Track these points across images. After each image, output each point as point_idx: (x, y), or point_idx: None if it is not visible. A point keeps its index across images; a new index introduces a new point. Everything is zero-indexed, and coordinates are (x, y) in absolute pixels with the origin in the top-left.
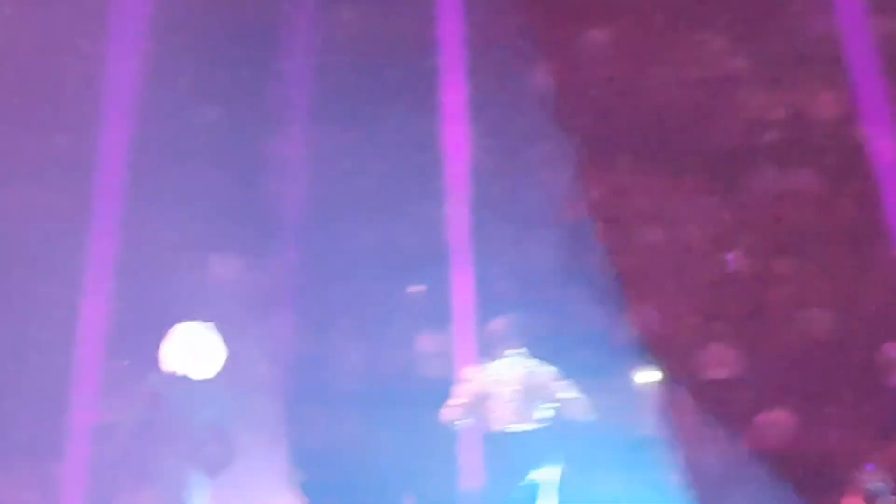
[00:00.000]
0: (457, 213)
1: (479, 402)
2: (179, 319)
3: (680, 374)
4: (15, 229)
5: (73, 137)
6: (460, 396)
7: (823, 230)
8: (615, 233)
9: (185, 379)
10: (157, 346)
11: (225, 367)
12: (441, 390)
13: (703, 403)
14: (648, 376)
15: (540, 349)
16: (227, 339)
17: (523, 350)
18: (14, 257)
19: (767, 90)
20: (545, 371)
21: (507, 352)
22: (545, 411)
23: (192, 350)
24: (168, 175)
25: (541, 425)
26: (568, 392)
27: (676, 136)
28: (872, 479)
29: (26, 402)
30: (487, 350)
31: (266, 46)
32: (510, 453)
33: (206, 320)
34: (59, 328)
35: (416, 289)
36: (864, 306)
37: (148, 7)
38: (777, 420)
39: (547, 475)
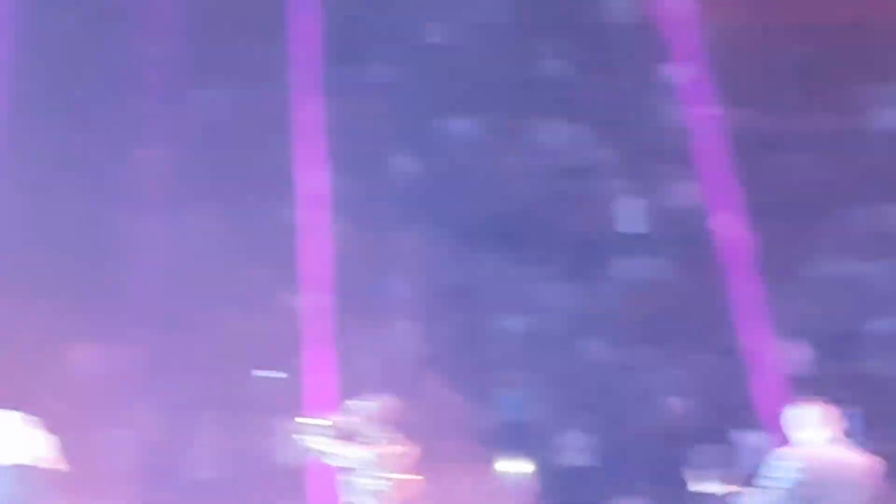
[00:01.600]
0: (318, 301)
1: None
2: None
3: (537, 462)
4: None
5: None
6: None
7: (678, 318)
8: (472, 319)
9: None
10: None
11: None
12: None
13: (560, 491)
14: (508, 464)
15: (402, 435)
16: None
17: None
18: None
19: (625, 181)
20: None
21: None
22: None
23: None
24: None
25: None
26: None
27: (537, 224)
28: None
29: None
30: (348, 433)
31: None
32: None
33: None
34: None
35: (275, 375)
36: (717, 394)
37: None
38: None
39: None
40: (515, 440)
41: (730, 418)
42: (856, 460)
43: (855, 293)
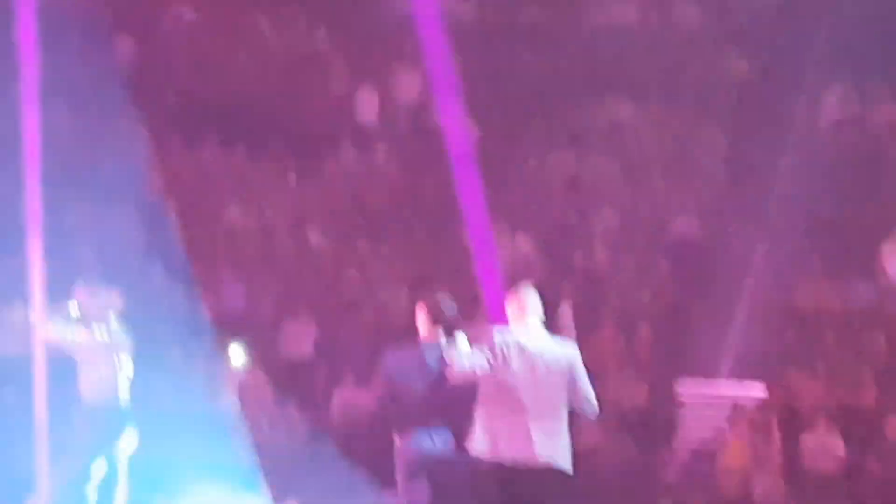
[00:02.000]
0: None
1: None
2: None
3: (258, 353)
4: None
5: None
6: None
7: (402, 212)
8: (197, 211)
9: None
10: None
11: None
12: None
13: (280, 382)
14: (228, 355)
15: (119, 325)
16: None
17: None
18: None
19: (350, 74)
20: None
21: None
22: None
23: None
24: None
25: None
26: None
27: (259, 117)
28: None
29: None
30: (68, 321)
31: None
32: (93, 426)
33: None
34: None
35: None
36: (436, 287)
37: None
38: (350, 398)
39: (122, 448)
40: (238, 330)
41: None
42: (555, 348)
43: (576, 187)
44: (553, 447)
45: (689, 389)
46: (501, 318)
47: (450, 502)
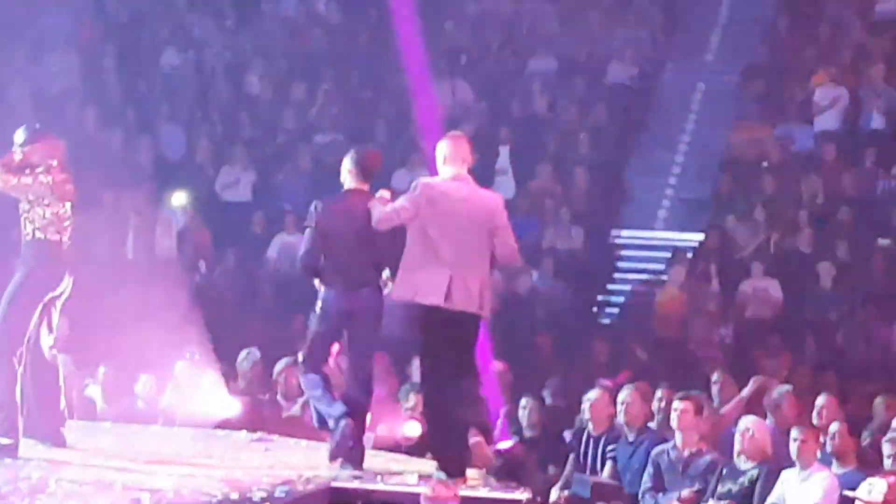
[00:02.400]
0: None
1: None
2: None
3: (198, 196)
4: None
5: None
6: None
7: (339, 55)
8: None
9: None
10: None
11: None
12: None
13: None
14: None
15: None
16: None
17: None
18: None
19: None
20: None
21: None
22: None
23: None
24: None
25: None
26: None
27: None
28: None
29: None
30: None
31: None
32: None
33: None
34: None
35: None
36: (395, 130)
37: None
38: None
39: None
40: (177, 175)
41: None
42: (479, 196)
43: (512, 32)
44: (469, 295)
45: (626, 235)
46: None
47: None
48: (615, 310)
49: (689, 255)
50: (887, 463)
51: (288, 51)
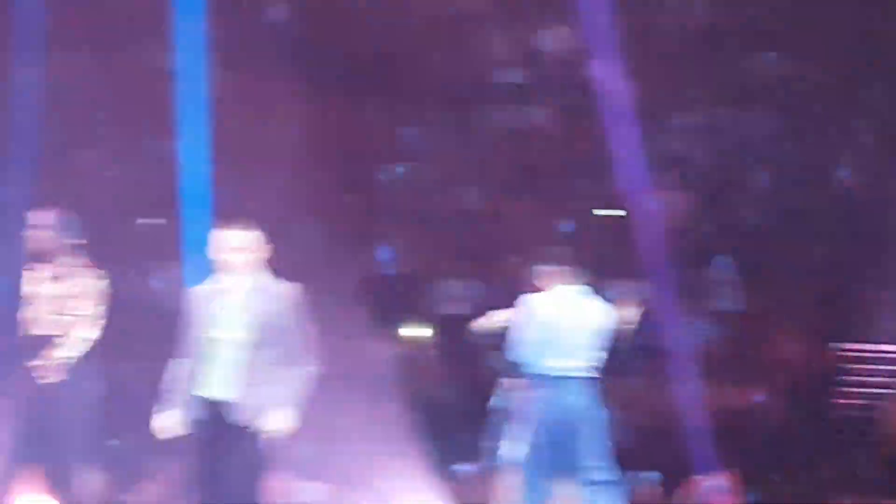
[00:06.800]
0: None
1: None
2: None
3: (415, 309)
4: None
5: None
6: None
7: (557, 168)
8: (355, 168)
9: None
10: None
11: None
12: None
13: (440, 338)
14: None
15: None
16: None
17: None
18: None
19: (502, 29)
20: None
21: None
22: None
23: None
24: None
25: None
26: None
27: (413, 73)
28: None
29: None
30: None
31: None
32: None
33: None
34: None
35: (151, 222)
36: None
37: None
38: None
39: None
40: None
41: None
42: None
43: (727, 140)
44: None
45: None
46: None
47: None
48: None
49: None
50: None
51: (505, 162)
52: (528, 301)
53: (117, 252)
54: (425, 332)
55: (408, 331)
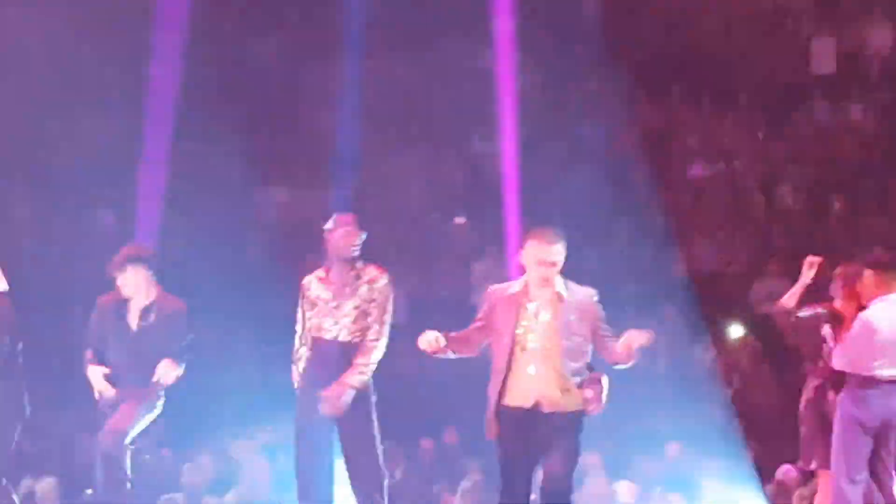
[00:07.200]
0: (507, 147)
1: None
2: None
3: (731, 310)
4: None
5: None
6: None
7: (875, 165)
8: (664, 167)
9: None
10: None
11: None
12: None
13: (757, 340)
14: (698, 311)
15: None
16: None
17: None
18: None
19: (820, 24)
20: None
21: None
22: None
23: None
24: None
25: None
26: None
27: (727, 69)
28: None
29: None
30: None
31: None
32: None
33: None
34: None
35: (460, 220)
36: None
37: None
38: None
39: None
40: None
41: None
42: None
43: None
44: None
45: None
46: None
47: None
48: None
49: None
50: None
51: (821, 160)
52: (868, 309)
53: (432, 251)
54: (743, 331)
55: (726, 330)
